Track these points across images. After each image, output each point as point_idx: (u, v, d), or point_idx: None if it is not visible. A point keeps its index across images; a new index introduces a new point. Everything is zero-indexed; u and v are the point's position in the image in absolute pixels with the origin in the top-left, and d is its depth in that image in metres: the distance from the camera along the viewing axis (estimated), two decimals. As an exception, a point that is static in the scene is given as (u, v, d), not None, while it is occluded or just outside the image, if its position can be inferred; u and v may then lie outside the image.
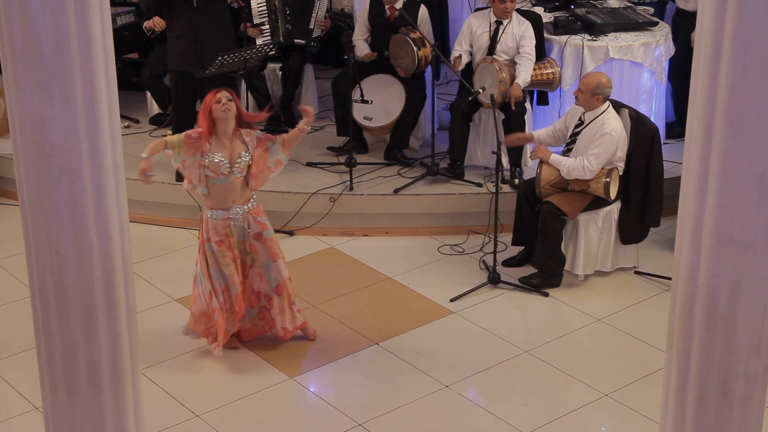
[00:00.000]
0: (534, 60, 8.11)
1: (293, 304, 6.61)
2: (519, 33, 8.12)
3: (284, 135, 6.48)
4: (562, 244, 7.31)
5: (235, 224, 6.38)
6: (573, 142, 7.32)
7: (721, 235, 3.70)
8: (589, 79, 7.23)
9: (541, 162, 7.33)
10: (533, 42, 8.13)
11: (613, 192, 7.22)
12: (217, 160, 6.24)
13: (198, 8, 7.92)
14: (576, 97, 7.28)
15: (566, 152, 7.33)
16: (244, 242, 6.44)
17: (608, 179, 7.15)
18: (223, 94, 6.24)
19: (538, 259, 7.35)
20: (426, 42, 8.32)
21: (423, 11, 8.57)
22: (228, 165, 6.26)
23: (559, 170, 7.22)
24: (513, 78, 8.05)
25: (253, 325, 6.69)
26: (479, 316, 7.05)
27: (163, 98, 9.15)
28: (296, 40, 9.00)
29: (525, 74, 8.04)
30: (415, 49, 8.32)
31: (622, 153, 7.24)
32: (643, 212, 7.45)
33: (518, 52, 8.09)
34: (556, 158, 7.24)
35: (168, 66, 8.33)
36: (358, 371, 6.53)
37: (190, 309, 6.57)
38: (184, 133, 6.31)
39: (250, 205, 6.42)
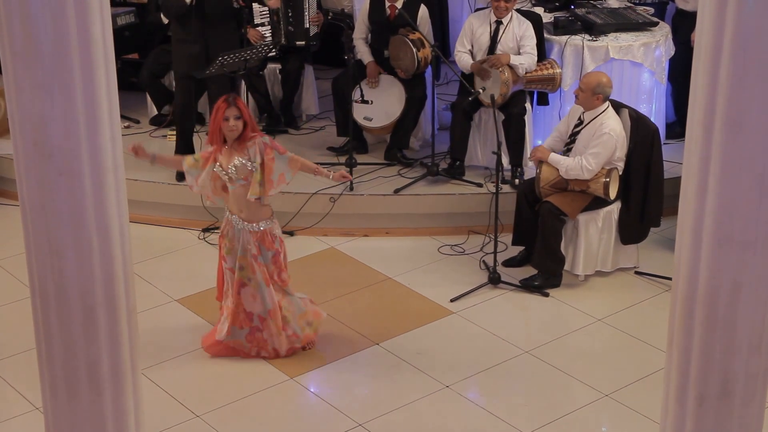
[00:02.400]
0: (536, 57, 8.10)
1: (286, 330, 6.51)
2: (519, 33, 8.12)
3: (299, 158, 6.30)
4: (562, 244, 7.31)
5: (236, 234, 6.29)
6: (572, 141, 7.32)
7: (721, 235, 3.70)
8: (590, 78, 7.23)
9: (541, 162, 7.33)
10: (534, 41, 8.12)
11: (613, 192, 7.22)
12: (215, 169, 6.23)
13: (209, 15, 7.91)
14: (576, 97, 7.28)
15: (566, 152, 7.33)
16: (245, 257, 6.30)
17: (608, 179, 7.15)
18: (232, 112, 6.09)
19: (538, 259, 7.34)
20: (426, 42, 8.30)
21: (423, 11, 8.55)
22: (225, 173, 6.21)
23: (558, 170, 7.22)
24: (516, 78, 8.05)
25: (237, 346, 6.52)
26: (479, 317, 7.04)
27: (160, 98, 9.15)
28: (297, 42, 8.99)
29: (523, 58, 8.03)
30: (414, 50, 8.30)
31: (621, 153, 7.24)
32: (643, 212, 7.44)
33: (519, 53, 8.09)
34: (555, 158, 7.24)
35: (174, 67, 8.32)
36: (358, 371, 6.53)
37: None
38: (200, 153, 6.34)
39: (256, 227, 6.28)
